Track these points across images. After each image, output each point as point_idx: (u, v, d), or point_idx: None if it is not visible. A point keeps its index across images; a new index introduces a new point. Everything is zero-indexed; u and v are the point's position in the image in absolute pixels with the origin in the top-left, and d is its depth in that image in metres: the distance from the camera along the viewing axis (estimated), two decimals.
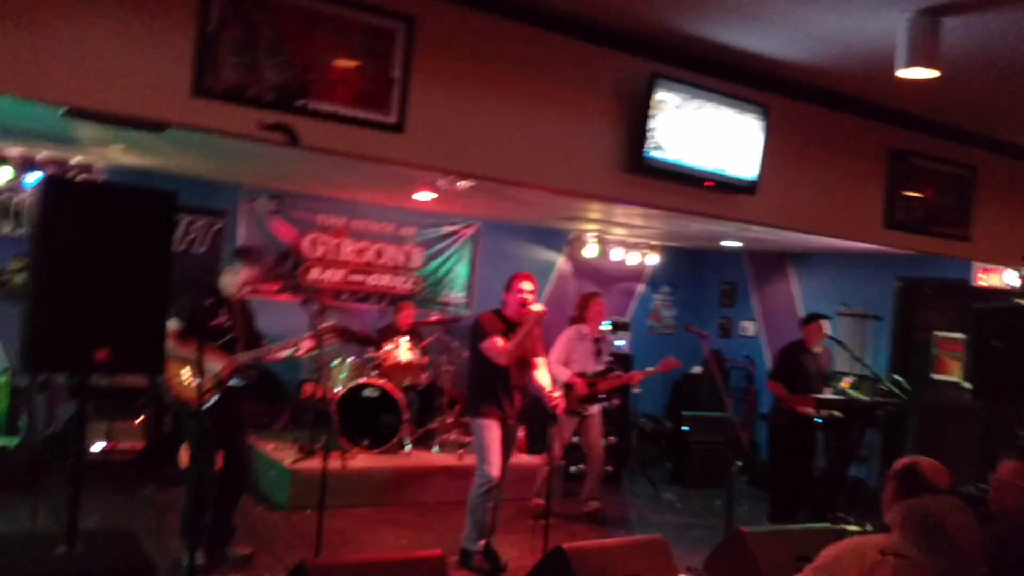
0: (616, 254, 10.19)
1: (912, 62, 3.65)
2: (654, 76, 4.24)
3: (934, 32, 3.61)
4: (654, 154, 4.30)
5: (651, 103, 4.24)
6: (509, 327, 5.56)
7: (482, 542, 5.67)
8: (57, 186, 3.49)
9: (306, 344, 5.33)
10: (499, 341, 5.46)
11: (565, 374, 6.92)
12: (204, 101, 3.37)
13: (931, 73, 3.70)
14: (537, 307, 5.47)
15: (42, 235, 3.24)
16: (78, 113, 3.69)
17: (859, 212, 5.29)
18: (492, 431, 5.52)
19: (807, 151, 5.00)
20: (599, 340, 7.29)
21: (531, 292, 5.59)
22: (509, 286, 5.64)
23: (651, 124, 4.25)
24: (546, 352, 6.10)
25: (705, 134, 4.43)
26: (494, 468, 5.51)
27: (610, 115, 4.30)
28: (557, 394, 5.57)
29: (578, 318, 7.30)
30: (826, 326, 7.35)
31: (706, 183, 4.52)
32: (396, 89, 3.73)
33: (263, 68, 3.48)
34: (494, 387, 5.54)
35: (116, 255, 3.36)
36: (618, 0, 3.82)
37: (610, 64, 4.27)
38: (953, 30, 3.70)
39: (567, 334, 7.22)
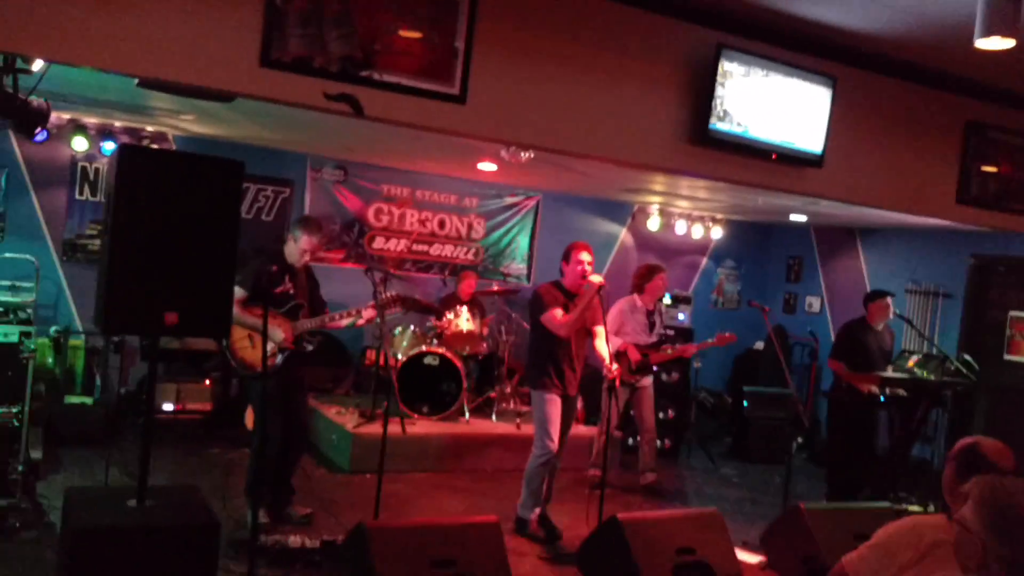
0: (680, 227, 10.10)
1: (990, 31, 3.52)
2: (720, 46, 4.19)
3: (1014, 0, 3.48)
4: (719, 126, 4.26)
5: (717, 74, 4.18)
6: (568, 297, 5.57)
7: (537, 510, 5.73)
8: (132, 153, 3.57)
9: (367, 313, 5.41)
10: (559, 313, 5.47)
11: (616, 343, 6.90)
12: (271, 72, 3.45)
13: (1009, 43, 3.57)
14: (596, 278, 5.45)
15: (117, 201, 3.35)
16: (150, 84, 3.80)
17: (931, 186, 5.16)
18: (552, 403, 5.55)
19: (876, 123, 4.88)
20: (652, 312, 7.25)
21: (590, 263, 5.57)
22: (568, 256, 5.63)
23: (717, 95, 4.21)
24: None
25: (771, 106, 4.36)
26: (553, 441, 5.54)
27: (675, 86, 4.26)
28: (615, 366, 5.56)
29: (637, 287, 7.23)
30: (890, 304, 7.18)
31: (772, 155, 4.45)
32: (459, 60, 3.75)
33: (328, 40, 3.54)
34: (555, 358, 5.55)
35: (186, 222, 3.45)
36: None
37: (676, 34, 4.23)
38: None
39: (619, 306, 7.19)
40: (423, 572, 3.88)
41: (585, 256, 5.55)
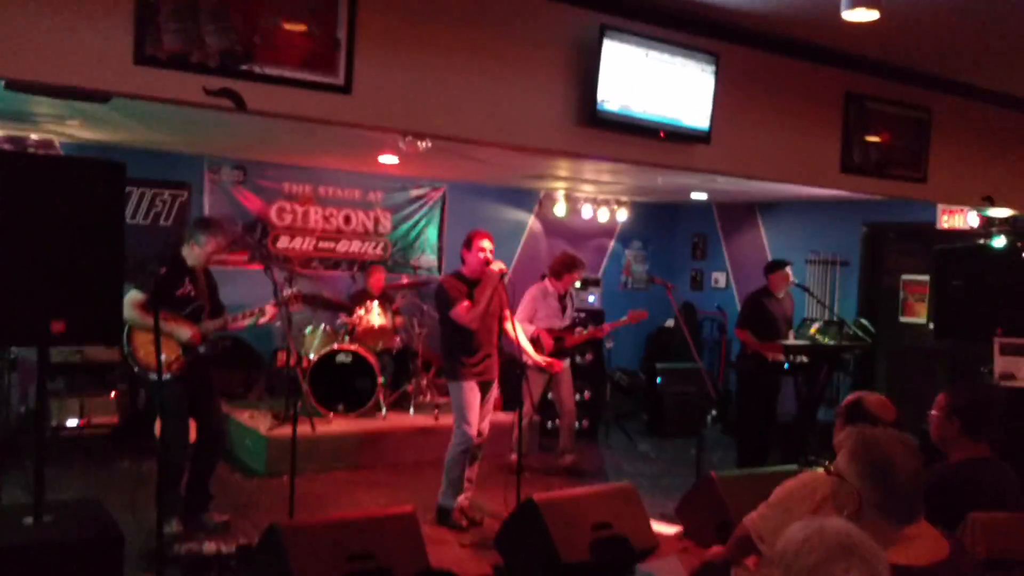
0: (586, 211, 10.22)
1: (855, 3, 3.67)
2: (603, 27, 4.24)
3: None
4: (607, 106, 4.32)
5: (601, 55, 4.24)
6: (471, 286, 5.61)
7: (461, 499, 5.75)
8: (5, 160, 3.47)
9: (270, 310, 5.36)
10: (465, 305, 5.51)
11: (530, 330, 7.00)
12: (146, 69, 3.35)
13: (873, 15, 3.73)
14: (498, 265, 5.51)
15: None
16: (19, 85, 3.66)
17: (816, 157, 5.33)
18: (470, 390, 5.60)
19: (760, 98, 5.02)
20: (564, 296, 7.34)
21: (491, 250, 5.63)
22: (469, 244, 5.67)
23: (602, 76, 4.26)
24: (513, 309, 6.15)
25: (657, 85, 4.44)
26: (472, 428, 5.59)
27: (561, 68, 4.30)
28: (542, 358, 5.65)
29: (555, 273, 7.31)
30: (790, 273, 7.43)
31: (660, 133, 4.54)
32: (342, 50, 3.71)
33: (205, 33, 3.46)
34: (469, 347, 5.59)
35: (68, 227, 3.36)
36: None
37: (559, 16, 4.27)
38: None
39: (531, 292, 7.28)
40: (340, 567, 3.86)
41: (486, 244, 5.61)
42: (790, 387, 7.67)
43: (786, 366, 7.13)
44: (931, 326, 8.10)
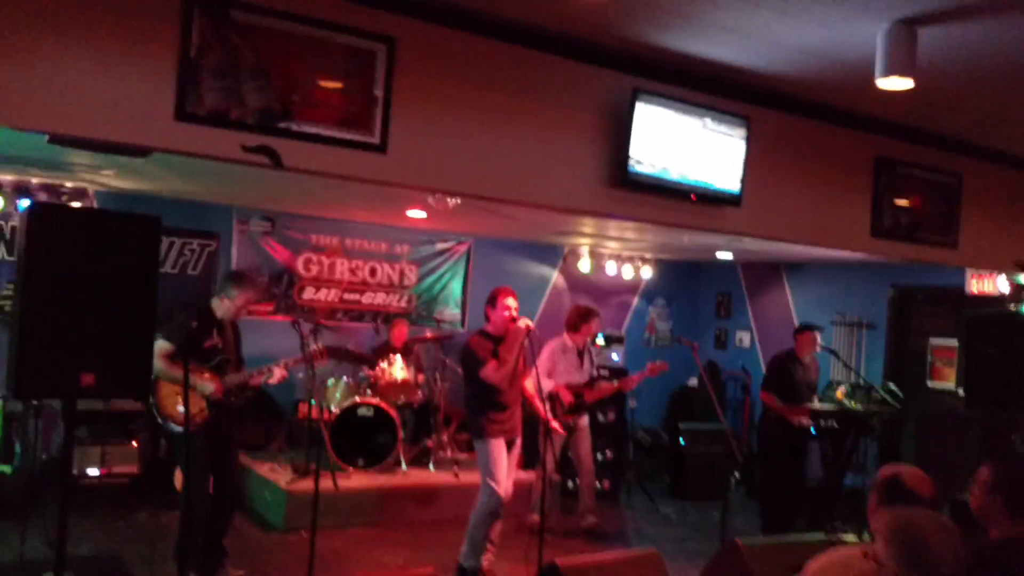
0: (611, 268, 10.20)
1: (890, 72, 3.68)
2: (636, 91, 4.28)
3: (911, 42, 3.64)
4: (638, 168, 4.33)
5: (633, 117, 4.26)
6: (496, 343, 5.60)
7: (483, 558, 5.65)
8: (43, 212, 3.51)
9: (278, 373, 5.33)
10: (494, 365, 5.49)
11: (548, 385, 6.94)
12: (187, 125, 3.40)
13: (907, 83, 3.73)
14: (524, 322, 5.50)
15: (28, 261, 3.26)
16: (62, 140, 3.72)
17: (845, 221, 5.31)
18: (497, 447, 5.53)
19: (791, 161, 5.03)
20: (583, 352, 7.29)
21: (516, 308, 5.63)
22: (493, 303, 5.67)
23: (634, 139, 4.28)
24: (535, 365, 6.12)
25: (688, 147, 4.46)
26: (501, 487, 5.51)
27: (593, 130, 4.33)
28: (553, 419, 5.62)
29: (572, 326, 7.26)
30: (817, 337, 7.35)
31: (691, 196, 4.54)
32: (378, 109, 3.76)
33: (245, 91, 3.51)
34: (495, 404, 5.55)
35: (102, 280, 3.38)
36: (598, 17, 3.85)
37: (592, 80, 4.31)
38: (932, 40, 3.74)
39: (550, 346, 7.22)
40: None
41: (511, 302, 5.62)
42: (814, 452, 7.55)
43: (812, 431, 7.02)
44: (960, 392, 7.98)
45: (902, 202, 5.47)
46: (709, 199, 4.61)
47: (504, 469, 5.55)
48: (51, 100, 3.19)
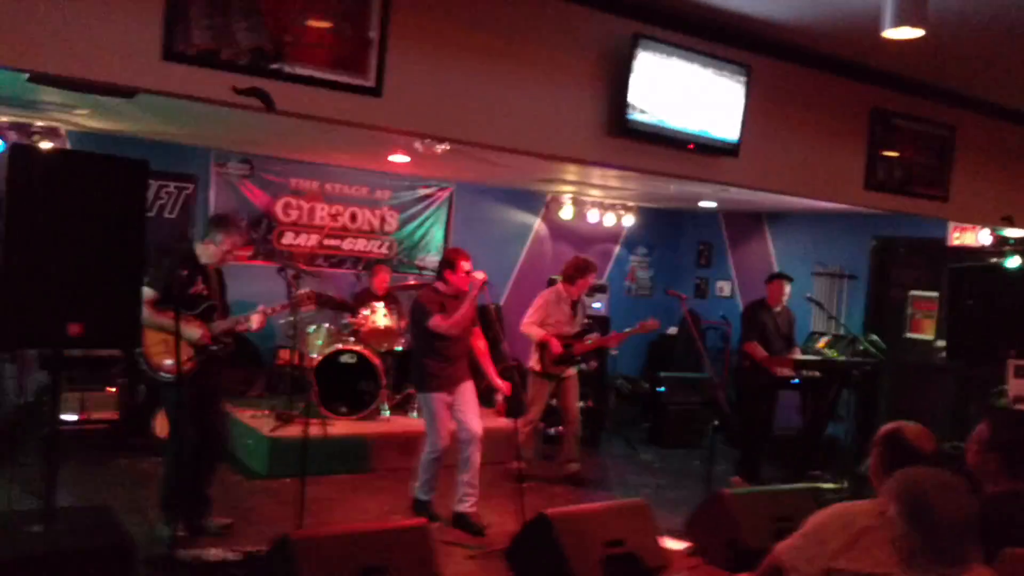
0: (592, 216, 10.13)
1: (899, 22, 3.58)
2: (636, 36, 4.16)
3: None
4: (637, 116, 4.24)
5: (633, 64, 4.16)
6: (446, 299, 5.67)
7: (466, 506, 5.76)
8: (25, 155, 3.36)
9: (256, 320, 5.26)
10: (442, 316, 5.56)
11: (539, 334, 6.93)
12: (175, 65, 3.25)
13: (917, 32, 3.65)
14: (479, 274, 5.51)
15: (10, 206, 3.13)
16: (43, 79, 3.55)
17: (840, 174, 5.27)
18: (439, 402, 5.65)
19: (789, 112, 4.95)
20: (576, 303, 7.26)
21: (471, 269, 5.67)
22: (453, 266, 5.68)
23: (633, 86, 4.18)
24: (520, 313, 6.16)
25: (688, 96, 4.37)
26: (443, 439, 5.66)
27: (592, 77, 4.22)
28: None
29: (569, 278, 7.20)
30: (784, 286, 7.37)
31: (689, 145, 4.46)
32: (373, 51, 3.62)
33: (236, 30, 3.36)
34: (438, 357, 5.63)
35: (88, 226, 3.25)
36: None
37: (592, 24, 4.18)
38: None
39: (545, 296, 7.18)
40: None
41: (467, 265, 5.67)
42: (791, 401, 7.61)
43: (795, 381, 7.06)
44: (939, 343, 8.06)
45: (895, 154, 5.42)
46: (707, 149, 4.53)
47: (446, 422, 5.69)
48: (29, 37, 3.02)
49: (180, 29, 3.25)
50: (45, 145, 7.01)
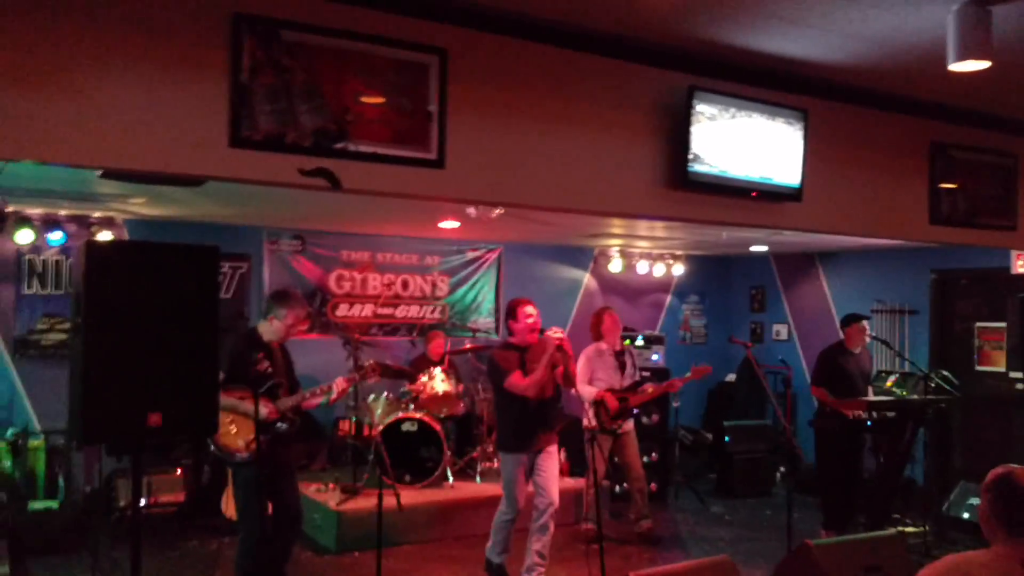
0: (642, 267, 10.07)
1: (964, 55, 3.53)
2: (692, 88, 4.15)
3: (985, 21, 3.50)
4: (698, 167, 4.20)
5: (691, 116, 4.14)
6: (523, 353, 5.56)
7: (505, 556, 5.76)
8: (98, 249, 3.40)
9: (338, 388, 5.26)
10: (520, 375, 5.45)
11: (591, 392, 6.83)
12: (242, 151, 3.29)
13: (983, 64, 3.59)
14: (557, 334, 5.37)
15: (88, 301, 3.15)
16: (115, 174, 3.61)
17: (904, 210, 5.18)
18: (516, 463, 5.55)
19: (848, 152, 4.89)
20: (621, 354, 7.16)
21: (536, 315, 5.59)
22: (514, 314, 5.60)
23: (692, 137, 4.15)
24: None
25: (747, 143, 4.33)
26: (517, 502, 5.58)
27: (650, 132, 4.20)
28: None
29: (595, 335, 7.17)
30: (866, 326, 7.18)
31: (752, 193, 4.41)
32: (434, 124, 3.64)
33: (299, 113, 3.40)
34: (520, 418, 5.52)
35: (164, 315, 3.27)
36: (651, 14, 3.73)
37: (647, 80, 4.18)
38: (1002, 18, 3.59)
39: (585, 354, 7.10)
40: None
41: (530, 310, 5.58)
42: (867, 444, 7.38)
43: (868, 423, 6.85)
44: (1014, 375, 7.82)
45: (958, 187, 5.32)
46: (770, 195, 4.48)
47: (522, 485, 5.59)
48: (104, 135, 3.08)
49: (246, 116, 3.29)
50: (105, 235, 7.18)
